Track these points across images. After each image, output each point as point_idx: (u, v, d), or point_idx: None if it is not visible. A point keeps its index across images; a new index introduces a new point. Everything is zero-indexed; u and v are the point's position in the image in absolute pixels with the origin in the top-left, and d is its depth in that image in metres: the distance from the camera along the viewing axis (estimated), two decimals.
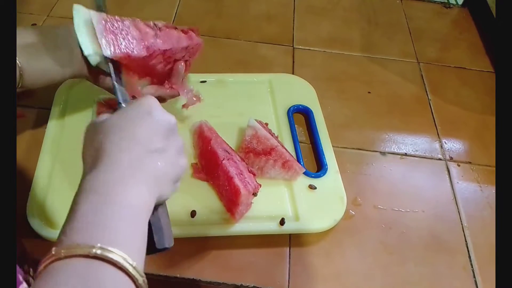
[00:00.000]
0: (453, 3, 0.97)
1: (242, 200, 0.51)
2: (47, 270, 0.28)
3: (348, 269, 0.53)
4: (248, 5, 0.89)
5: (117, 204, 0.32)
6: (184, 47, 0.55)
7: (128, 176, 0.34)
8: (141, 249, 0.33)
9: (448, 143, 0.69)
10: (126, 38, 0.50)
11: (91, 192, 0.32)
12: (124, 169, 0.34)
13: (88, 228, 0.30)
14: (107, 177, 0.33)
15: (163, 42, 0.52)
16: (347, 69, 0.78)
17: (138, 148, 0.36)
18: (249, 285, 0.50)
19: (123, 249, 0.30)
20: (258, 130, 0.58)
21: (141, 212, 0.34)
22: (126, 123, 0.37)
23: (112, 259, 0.29)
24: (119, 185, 0.33)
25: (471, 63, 0.83)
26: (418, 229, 0.57)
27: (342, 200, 0.57)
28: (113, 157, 0.34)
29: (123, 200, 0.33)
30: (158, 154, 0.37)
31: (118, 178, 0.34)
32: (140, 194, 0.34)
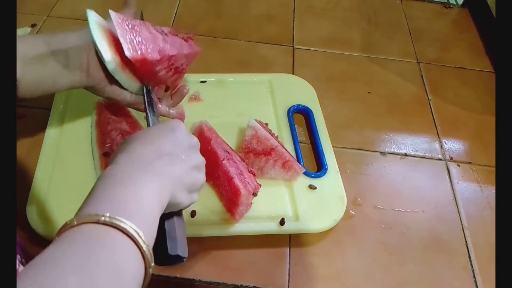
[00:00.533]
0: (453, 3, 0.97)
1: (242, 200, 0.51)
2: (59, 237, 0.30)
3: (348, 269, 0.53)
4: (248, 5, 0.89)
5: (130, 186, 0.34)
6: (186, 54, 0.55)
7: (144, 168, 0.37)
8: (149, 230, 0.34)
9: (448, 143, 0.69)
10: (142, 40, 0.49)
11: (106, 177, 0.35)
12: (141, 163, 0.37)
13: (100, 202, 0.32)
14: (124, 167, 0.36)
15: (171, 47, 0.52)
16: (347, 69, 0.78)
17: (157, 151, 0.39)
18: (249, 285, 0.50)
19: (132, 221, 0.31)
20: (258, 130, 0.58)
21: (152, 200, 0.35)
22: (151, 136, 0.41)
23: (119, 226, 0.30)
24: (135, 173, 0.36)
25: (471, 63, 0.83)
26: (418, 229, 0.57)
27: (342, 200, 0.57)
28: (133, 154, 0.38)
29: (137, 184, 0.35)
30: (176, 160, 0.39)
31: (134, 169, 0.36)
32: (153, 184, 0.36)
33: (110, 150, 0.56)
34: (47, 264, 0.27)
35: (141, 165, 0.37)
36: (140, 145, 0.39)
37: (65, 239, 0.29)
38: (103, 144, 0.57)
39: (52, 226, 0.51)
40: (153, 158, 0.38)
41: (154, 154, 0.38)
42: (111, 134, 0.58)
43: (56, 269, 0.26)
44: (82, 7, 0.81)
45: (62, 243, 0.29)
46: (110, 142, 0.57)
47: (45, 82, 0.47)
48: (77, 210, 0.33)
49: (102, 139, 0.58)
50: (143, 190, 0.35)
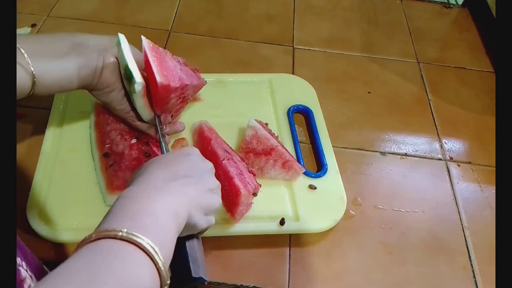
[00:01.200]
0: (453, 3, 0.97)
1: (242, 200, 0.51)
2: (77, 252, 0.30)
3: (348, 269, 0.53)
4: (248, 5, 0.89)
5: (146, 202, 0.35)
6: (194, 85, 0.57)
7: (161, 188, 0.38)
8: (166, 246, 0.34)
9: (448, 143, 0.69)
10: (167, 67, 0.51)
11: (124, 197, 0.36)
12: (158, 184, 0.38)
13: (118, 218, 0.33)
14: (141, 187, 0.37)
15: (186, 77, 0.54)
16: (347, 69, 0.78)
17: (174, 174, 0.40)
18: (249, 285, 0.50)
19: (148, 236, 0.32)
20: (258, 130, 0.58)
21: (168, 216, 0.36)
22: (167, 161, 0.42)
23: (135, 241, 0.31)
24: (151, 192, 0.37)
25: (471, 63, 0.83)
26: (418, 229, 0.57)
27: (342, 200, 0.57)
28: (150, 176, 0.39)
29: (153, 200, 0.36)
30: (192, 182, 0.40)
31: (151, 189, 0.37)
32: (169, 201, 0.37)
33: (110, 151, 0.56)
34: (63, 276, 0.27)
35: (157, 185, 0.38)
36: (156, 168, 0.40)
37: (82, 253, 0.30)
38: (102, 144, 0.57)
39: (52, 227, 0.51)
40: (169, 179, 0.39)
41: (170, 177, 0.39)
42: (111, 134, 0.58)
43: (71, 283, 0.27)
44: (82, 7, 0.82)
45: (79, 257, 0.29)
46: (110, 143, 0.57)
47: (63, 80, 0.47)
48: (77, 211, 0.33)
49: (101, 140, 0.58)
50: (159, 206, 0.35)
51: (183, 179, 0.40)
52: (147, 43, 0.51)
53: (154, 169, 0.40)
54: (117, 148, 0.56)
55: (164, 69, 0.51)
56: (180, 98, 0.56)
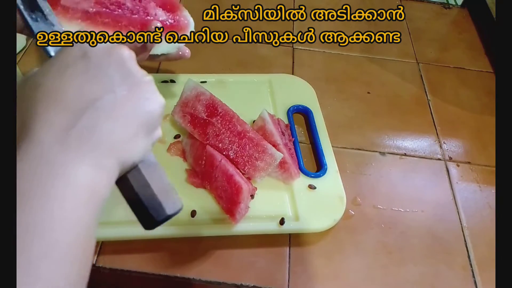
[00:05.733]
0: (453, 3, 0.97)
1: (243, 197, 0.51)
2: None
3: (347, 268, 0.53)
4: (248, 5, 0.89)
5: (33, 213, 0.23)
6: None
7: (55, 160, 0.25)
8: (77, 278, 0.24)
9: (447, 143, 0.69)
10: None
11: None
12: (49, 149, 0.25)
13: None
14: (23, 167, 0.24)
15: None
16: (346, 70, 0.78)
17: (67, 109, 0.26)
18: (249, 285, 0.50)
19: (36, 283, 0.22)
20: (266, 123, 0.59)
21: (79, 210, 0.24)
22: (53, 77, 0.27)
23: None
24: (42, 177, 0.24)
25: (470, 64, 0.83)
26: (418, 229, 0.57)
27: (341, 200, 0.57)
28: (34, 131, 0.25)
29: (46, 202, 0.23)
30: (106, 106, 0.27)
31: (40, 167, 0.24)
32: (77, 178, 0.25)
33: None
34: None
35: (45, 149, 0.24)
36: (42, 108, 0.26)
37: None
38: None
39: None
40: (64, 126, 0.25)
41: (65, 120, 0.25)
42: None
43: None
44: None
45: None
46: None
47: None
48: None
49: None
50: (57, 203, 0.24)
51: (90, 111, 0.26)
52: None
53: (36, 107, 0.26)
54: None
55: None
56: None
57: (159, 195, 0.32)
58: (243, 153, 0.55)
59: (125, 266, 0.50)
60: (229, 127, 0.56)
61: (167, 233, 0.52)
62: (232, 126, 0.57)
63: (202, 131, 0.57)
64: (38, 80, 0.28)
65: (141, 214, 0.32)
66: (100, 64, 0.28)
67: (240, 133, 0.56)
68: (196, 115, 0.58)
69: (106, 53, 0.29)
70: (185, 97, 0.59)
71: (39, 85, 0.27)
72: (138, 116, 0.29)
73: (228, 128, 0.56)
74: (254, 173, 0.55)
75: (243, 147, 0.55)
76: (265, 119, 0.59)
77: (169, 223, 0.53)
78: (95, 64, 0.28)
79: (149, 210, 0.31)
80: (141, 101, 0.29)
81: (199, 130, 0.57)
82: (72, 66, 0.28)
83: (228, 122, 0.57)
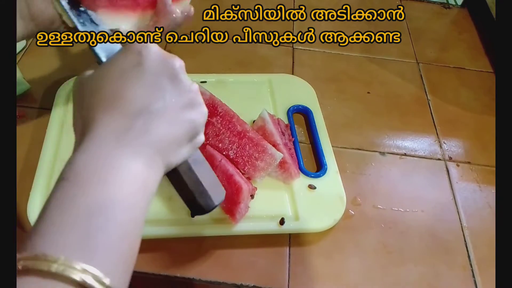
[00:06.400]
0: (453, 3, 0.97)
1: (243, 197, 0.51)
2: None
3: (347, 268, 0.53)
4: (249, 5, 0.89)
5: (94, 195, 0.26)
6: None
7: (112, 154, 0.27)
8: (127, 257, 0.27)
9: (447, 143, 0.69)
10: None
11: (64, 181, 0.26)
12: (107, 143, 0.28)
13: (53, 229, 0.24)
14: (85, 159, 0.27)
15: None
16: (346, 69, 0.78)
17: (125, 111, 0.29)
18: (249, 285, 0.50)
19: (96, 260, 0.24)
20: (267, 123, 0.59)
21: (133, 198, 0.27)
22: (110, 84, 0.29)
23: (74, 280, 0.23)
24: (101, 167, 0.27)
25: (470, 64, 0.83)
26: (418, 229, 0.57)
27: (341, 200, 0.57)
28: (94, 130, 0.28)
29: (105, 186, 0.26)
30: (156, 112, 0.30)
31: (100, 159, 0.27)
32: (131, 173, 0.28)
33: None
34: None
35: (107, 147, 0.27)
36: (98, 111, 0.28)
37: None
38: None
39: None
40: (122, 128, 0.28)
41: (123, 122, 0.28)
42: None
43: None
44: None
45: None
46: None
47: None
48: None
49: None
50: (115, 189, 0.26)
51: (144, 115, 0.29)
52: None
53: (95, 110, 0.29)
54: None
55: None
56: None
57: (208, 190, 0.36)
58: (243, 153, 0.55)
59: None
60: (229, 127, 0.57)
61: (167, 233, 0.52)
62: (232, 126, 0.57)
63: None
64: (96, 84, 0.30)
65: (192, 205, 0.37)
66: (154, 72, 0.30)
67: (240, 133, 0.56)
68: None
69: (160, 63, 0.31)
70: None
71: (96, 89, 0.30)
72: (183, 123, 0.32)
73: (228, 128, 0.56)
74: (254, 173, 0.55)
75: (243, 147, 0.55)
76: (265, 119, 0.59)
77: (169, 223, 0.53)
78: (149, 72, 0.30)
79: (200, 202, 0.36)
80: (187, 109, 0.32)
81: None
82: (128, 73, 0.30)
83: (228, 122, 0.57)
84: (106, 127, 0.28)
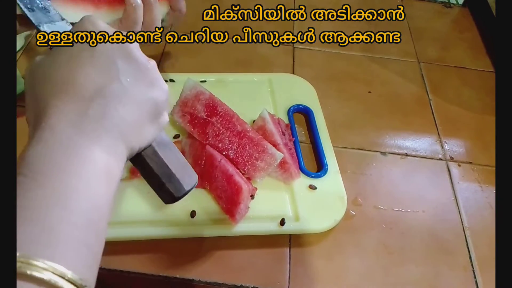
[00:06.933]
0: (454, 2, 0.97)
1: (243, 197, 0.51)
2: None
3: (348, 269, 0.53)
4: (249, 5, 0.88)
5: (52, 186, 0.24)
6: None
7: (68, 143, 0.26)
8: (93, 247, 0.25)
9: (448, 143, 0.68)
10: None
11: (19, 176, 0.25)
12: (63, 134, 0.26)
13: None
14: (41, 150, 0.25)
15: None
16: (347, 69, 0.78)
17: (77, 98, 0.27)
18: (249, 286, 0.50)
19: (59, 254, 0.23)
20: (267, 123, 0.59)
21: (94, 185, 0.26)
22: (60, 67, 0.28)
23: (35, 277, 0.21)
24: (58, 157, 0.25)
25: (471, 63, 0.83)
26: (419, 229, 0.57)
27: (342, 200, 0.56)
28: (47, 119, 0.26)
29: (63, 177, 0.25)
30: (113, 94, 0.28)
31: (55, 149, 0.26)
32: (91, 161, 0.26)
33: None
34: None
35: (59, 134, 0.26)
36: (51, 95, 0.27)
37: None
38: None
39: None
40: (80, 111, 0.27)
41: (75, 107, 0.27)
42: None
43: None
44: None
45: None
46: None
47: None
48: None
49: None
50: (74, 180, 0.25)
51: (98, 98, 0.27)
52: None
53: (48, 98, 0.27)
54: None
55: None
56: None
57: (176, 173, 0.34)
58: (243, 153, 0.55)
59: (124, 267, 0.50)
60: (229, 127, 0.56)
61: (166, 234, 0.51)
62: (232, 125, 0.56)
63: (201, 131, 0.57)
64: (46, 71, 0.29)
65: (161, 192, 0.35)
66: (105, 52, 0.29)
67: (240, 132, 0.56)
68: (196, 115, 0.58)
69: (110, 42, 0.30)
70: (184, 96, 0.59)
71: (47, 77, 0.28)
72: (143, 103, 0.30)
73: (228, 128, 0.56)
74: (254, 173, 0.55)
75: (243, 147, 0.55)
76: (265, 118, 0.59)
77: (169, 223, 0.53)
78: (100, 53, 0.29)
79: (169, 188, 0.34)
80: (146, 88, 0.30)
81: (198, 130, 0.57)
82: (78, 56, 0.29)
83: (228, 121, 0.57)
84: (60, 115, 0.27)
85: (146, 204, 0.53)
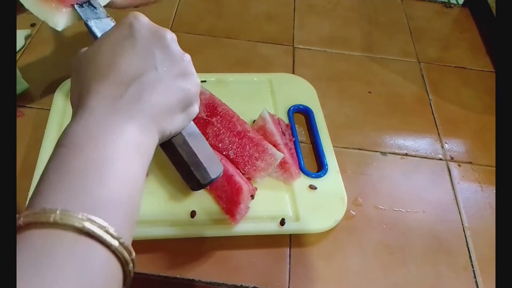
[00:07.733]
0: (454, 2, 0.97)
1: (243, 197, 0.51)
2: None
3: (348, 269, 0.53)
4: (249, 5, 0.88)
5: (90, 156, 0.26)
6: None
7: (105, 117, 0.28)
8: (129, 209, 0.27)
9: (449, 143, 0.68)
10: None
11: (59, 147, 0.27)
12: (100, 111, 0.29)
13: (51, 189, 0.25)
14: (80, 126, 0.28)
15: None
16: (347, 69, 0.78)
17: (118, 80, 0.30)
18: (249, 286, 0.50)
19: (97, 211, 0.24)
20: (267, 123, 0.59)
21: (128, 159, 0.28)
22: (103, 55, 0.31)
23: (73, 226, 0.23)
24: (96, 131, 0.28)
25: (471, 63, 0.83)
26: (419, 230, 0.57)
27: (342, 200, 0.56)
28: (88, 100, 0.29)
29: (100, 148, 0.27)
30: (148, 81, 0.31)
31: (94, 125, 0.28)
32: (126, 136, 0.28)
33: None
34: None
35: (101, 114, 0.28)
36: (91, 79, 0.30)
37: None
38: None
39: None
40: (115, 95, 0.29)
41: (115, 89, 0.29)
42: None
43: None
44: None
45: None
46: None
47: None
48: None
49: None
50: (109, 152, 0.27)
51: (136, 84, 0.30)
52: None
53: (90, 82, 0.30)
54: None
55: None
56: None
57: (204, 162, 0.37)
58: (243, 153, 0.55)
59: None
60: (229, 127, 0.56)
61: (166, 234, 0.51)
62: (232, 125, 0.56)
63: (201, 131, 0.57)
64: (90, 58, 0.32)
65: (189, 178, 0.38)
66: (145, 42, 0.32)
67: (240, 132, 0.56)
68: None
69: (151, 33, 0.33)
70: None
71: (91, 62, 0.31)
72: (176, 92, 0.33)
73: (228, 128, 0.56)
74: (254, 173, 0.54)
75: (243, 147, 0.55)
76: (265, 118, 0.59)
77: (169, 223, 0.53)
78: (140, 43, 0.32)
79: (196, 175, 0.37)
80: (179, 79, 0.33)
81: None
82: (120, 45, 0.31)
83: (228, 121, 0.57)
84: (99, 96, 0.29)
85: (146, 204, 0.53)
